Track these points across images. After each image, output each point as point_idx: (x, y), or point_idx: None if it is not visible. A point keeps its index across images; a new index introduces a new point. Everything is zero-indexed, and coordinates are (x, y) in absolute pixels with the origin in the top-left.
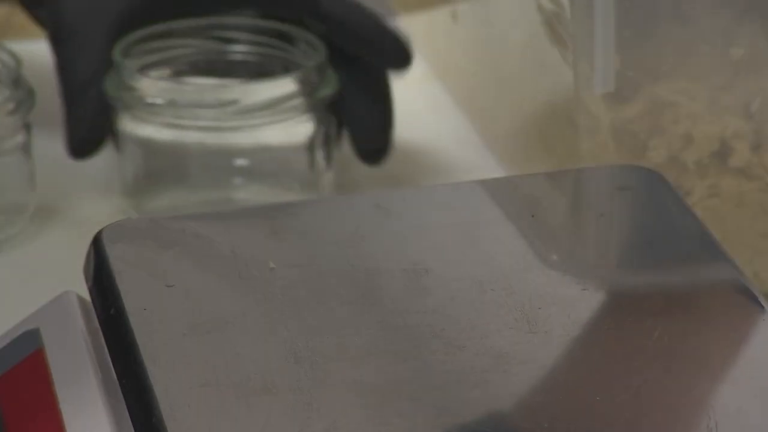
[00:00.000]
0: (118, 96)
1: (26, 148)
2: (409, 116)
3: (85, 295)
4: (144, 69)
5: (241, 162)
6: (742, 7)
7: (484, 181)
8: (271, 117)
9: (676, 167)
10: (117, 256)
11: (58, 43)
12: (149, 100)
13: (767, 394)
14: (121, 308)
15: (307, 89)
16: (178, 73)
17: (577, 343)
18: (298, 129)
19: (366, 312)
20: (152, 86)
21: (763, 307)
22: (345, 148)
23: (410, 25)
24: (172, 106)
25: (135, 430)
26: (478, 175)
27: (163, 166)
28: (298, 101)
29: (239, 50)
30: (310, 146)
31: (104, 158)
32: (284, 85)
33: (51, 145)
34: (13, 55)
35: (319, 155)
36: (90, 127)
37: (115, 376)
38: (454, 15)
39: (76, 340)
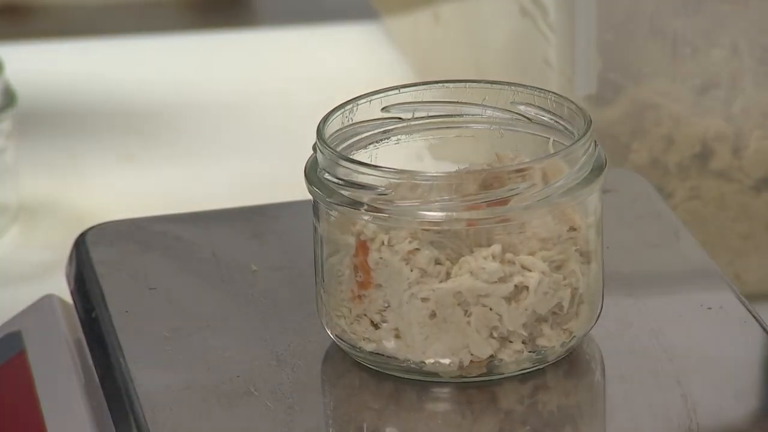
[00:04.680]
0: None
1: (9, 150)
2: None
3: (67, 297)
4: None
5: None
6: (723, 9)
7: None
8: None
9: (657, 169)
10: (99, 259)
11: None
12: None
13: (747, 396)
14: (103, 311)
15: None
16: None
17: None
18: None
19: None
20: None
21: (743, 308)
22: None
23: (393, 27)
24: None
25: None
26: None
27: None
28: None
29: None
30: None
31: (84, 164)
32: None
33: (34, 147)
34: None
35: None
36: None
37: (97, 379)
38: (436, 16)
39: (58, 343)
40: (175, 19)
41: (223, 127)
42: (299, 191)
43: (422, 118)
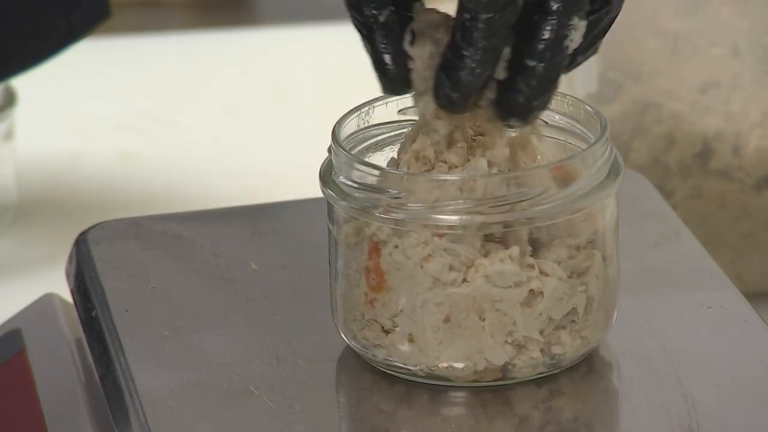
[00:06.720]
0: None
1: (9, 150)
2: None
3: (68, 296)
4: None
5: None
6: (723, 9)
7: None
8: None
9: (658, 168)
10: (99, 258)
11: None
12: None
13: (748, 395)
14: (104, 309)
15: None
16: None
17: None
18: None
19: None
20: None
21: (744, 308)
22: None
23: None
24: None
25: (117, 431)
26: None
27: None
28: None
29: None
30: None
31: (79, 165)
32: None
33: (34, 145)
34: None
35: None
36: None
37: (97, 378)
38: None
39: (58, 342)
40: (176, 19)
41: (223, 126)
42: (299, 190)
43: None
